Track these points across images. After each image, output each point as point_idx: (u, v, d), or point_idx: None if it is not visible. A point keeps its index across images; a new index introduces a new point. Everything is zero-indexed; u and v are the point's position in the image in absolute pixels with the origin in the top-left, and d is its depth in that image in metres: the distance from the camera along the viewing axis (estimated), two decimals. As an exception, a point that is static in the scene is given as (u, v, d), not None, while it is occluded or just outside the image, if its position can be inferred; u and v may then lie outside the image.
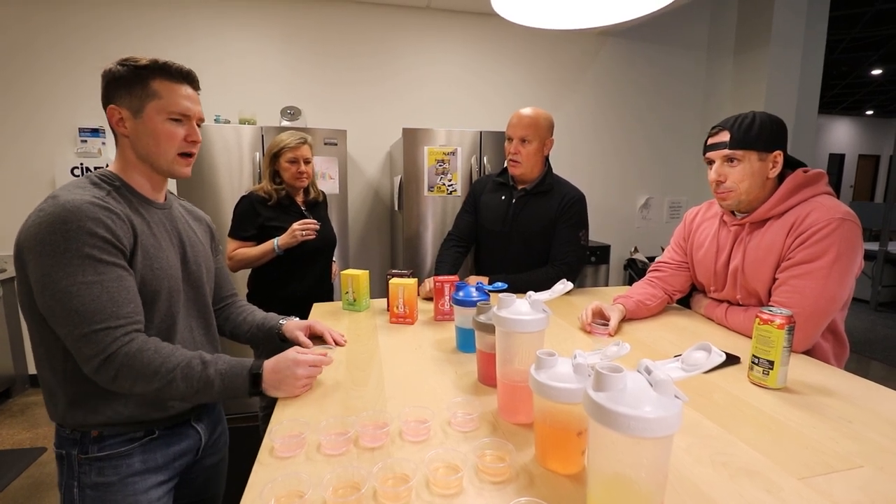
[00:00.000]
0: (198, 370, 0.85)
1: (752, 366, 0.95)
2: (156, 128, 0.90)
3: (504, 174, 1.81)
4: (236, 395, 0.88)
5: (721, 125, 1.18)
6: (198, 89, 0.97)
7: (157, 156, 0.92)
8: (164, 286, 0.91)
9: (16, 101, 2.92)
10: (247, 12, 3.15)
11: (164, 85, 0.90)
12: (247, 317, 1.21)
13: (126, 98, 0.89)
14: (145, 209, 0.93)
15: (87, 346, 0.78)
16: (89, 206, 0.80)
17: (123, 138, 0.91)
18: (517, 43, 3.61)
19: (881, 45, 5.74)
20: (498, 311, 0.80)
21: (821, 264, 1.07)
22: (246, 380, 0.87)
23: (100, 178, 0.90)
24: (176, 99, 0.91)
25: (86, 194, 0.83)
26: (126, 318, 0.81)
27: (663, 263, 1.49)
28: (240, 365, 0.89)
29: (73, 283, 0.77)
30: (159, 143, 0.90)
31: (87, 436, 0.87)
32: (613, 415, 0.49)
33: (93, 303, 0.78)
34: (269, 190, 1.84)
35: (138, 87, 0.88)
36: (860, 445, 0.73)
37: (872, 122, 10.49)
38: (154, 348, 0.83)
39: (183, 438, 0.97)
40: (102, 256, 0.80)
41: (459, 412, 0.80)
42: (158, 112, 0.89)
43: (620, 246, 3.99)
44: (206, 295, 1.06)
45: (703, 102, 4.05)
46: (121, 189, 0.90)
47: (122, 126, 0.90)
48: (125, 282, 0.82)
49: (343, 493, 0.61)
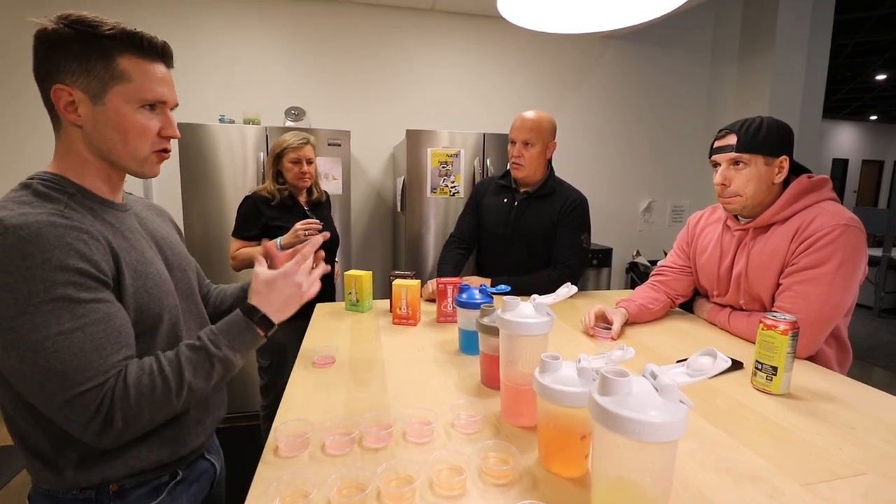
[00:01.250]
0: (202, 357, 0.71)
1: (756, 371, 0.95)
2: (123, 119, 0.70)
3: (506, 177, 1.81)
4: (252, 341, 0.76)
5: (728, 128, 1.18)
6: (171, 67, 0.76)
7: (124, 154, 0.72)
8: (164, 306, 0.75)
9: (24, 103, 2.93)
10: (252, 13, 3.16)
11: (135, 63, 0.69)
12: (225, 298, 1.07)
13: (81, 76, 0.67)
14: (112, 216, 0.74)
15: (76, 413, 0.61)
16: (50, 228, 0.61)
17: (73, 128, 0.70)
18: (520, 45, 3.62)
19: (885, 50, 5.74)
20: (502, 314, 0.80)
21: (825, 270, 1.07)
22: (250, 324, 0.75)
23: (45, 185, 0.68)
24: (150, 83, 0.71)
25: (39, 212, 0.62)
26: (115, 367, 0.64)
27: (666, 267, 1.49)
28: (233, 321, 0.75)
29: (45, 336, 0.59)
30: (127, 138, 0.71)
31: (104, 492, 0.71)
32: (619, 419, 0.49)
33: (75, 357, 0.60)
34: (272, 190, 1.85)
35: (99, 64, 0.67)
36: (863, 452, 0.73)
37: (876, 127, 10.48)
38: (141, 370, 0.66)
39: (201, 474, 0.87)
40: (80, 295, 0.62)
41: (463, 414, 0.80)
42: (127, 100, 0.69)
43: (622, 249, 3.99)
44: (199, 301, 0.92)
45: (707, 106, 4.04)
46: (76, 196, 0.70)
47: (71, 112, 0.68)
48: (113, 321, 0.65)
49: (347, 493, 0.61)
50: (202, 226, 2.59)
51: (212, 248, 2.59)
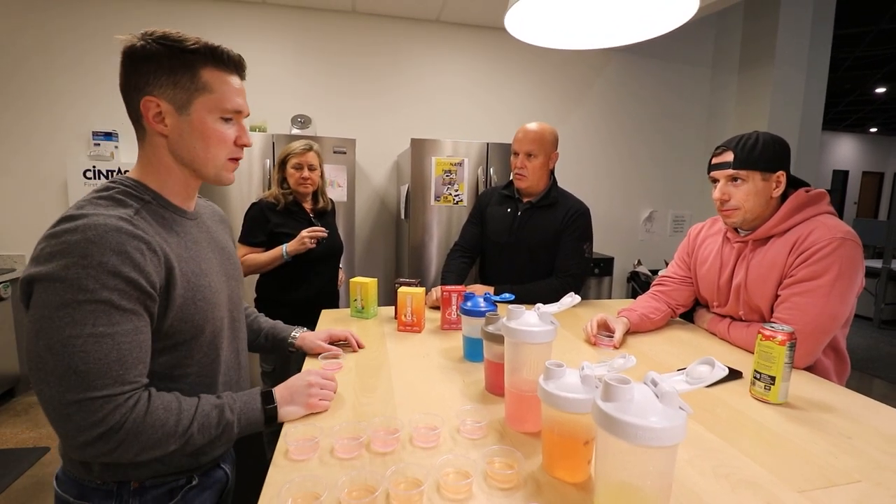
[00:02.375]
0: (214, 418, 0.74)
1: (754, 381, 0.97)
2: (206, 128, 0.75)
3: (510, 187, 1.84)
4: (254, 430, 0.80)
5: (725, 145, 1.21)
6: (244, 79, 0.82)
7: (206, 161, 0.77)
8: (209, 319, 0.78)
9: (30, 103, 2.98)
10: (260, 22, 3.21)
11: (216, 76, 0.75)
12: (261, 325, 1.15)
13: (168, 88, 0.72)
14: (181, 225, 0.79)
15: (80, 415, 0.62)
16: (115, 233, 0.65)
17: (158, 137, 0.75)
18: (524, 56, 3.67)
19: (885, 64, 5.80)
20: (507, 322, 0.83)
21: (822, 282, 1.09)
22: (260, 408, 0.80)
23: (125, 190, 0.73)
24: (229, 94, 0.76)
25: (110, 215, 0.67)
26: (132, 382, 0.67)
27: (667, 278, 1.51)
28: (250, 395, 0.81)
29: (78, 333, 0.62)
30: (209, 146, 0.76)
31: (125, 487, 0.74)
32: (621, 424, 0.51)
33: (98, 362, 0.63)
34: (277, 195, 1.89)
35: (185, 77, 0.73)
36: (859, 461, 0.74)
37: (876, 139, 10.54)
38: (163, 406, 0.69)
39: (215, 482, 0.88)
40: (121, 303, 0.65)
41: (468, 420, 0.82)
42: (210, 110, 0.75)
43: (624, 259, 4.01)
44: (243, 315, 0.93)
45: (708, 118, 4.09)
46: (152, 204, 0.75)
47: (159, 123, 0.74)
48: (140, 336, 0.68)
49: (357, 495, 0.63)
50: (208, 231, 2.62)
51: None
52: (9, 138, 2.98)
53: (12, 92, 2.96)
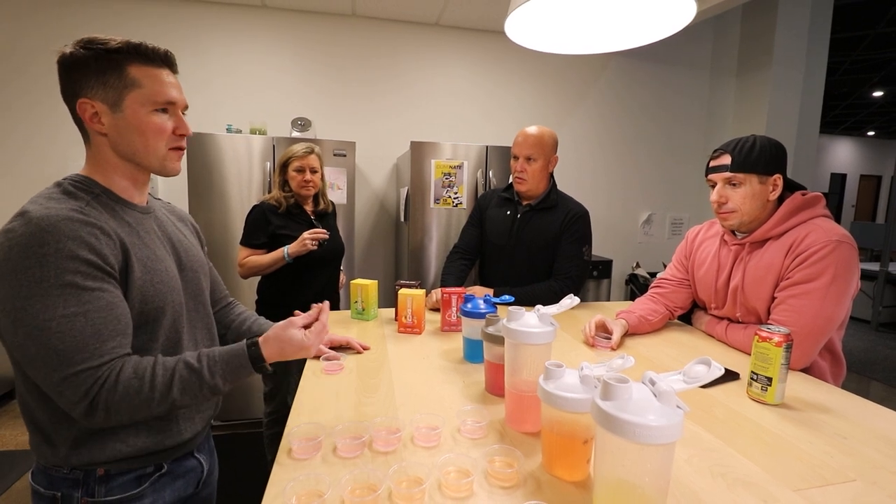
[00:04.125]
0: (194, 380, 0.76)
1: (751, 382, 0.98)
2: (141, 122, 0.78)
3: (509, 189, 1.86)
4: (244, 377, 0.81)
5: (722, 148, 1.23)
6: (177, 72, 0.85)
7: (146, 153, 0.80)
8: (168, 301, 0.81)
9: (32, 103, 2.98)
10: (259, 24, 3.23)
11: (143, 71, 0.78)
12: (251, 325, 1.13)
13: (99, 89, 0.76)
14: (132, 216, 0.82)
15: (70, 391, 0.68)
16: (67, 222, 0.69)
17: (99, 137, 0.79)
18: (523, 60, 3.69)
19: (882, 68, 5.83)
20: (507, 324, 0.84)
21: (818, 285, 1.10)
22: (246, 357, 0.79)
23: (74, 184, 0.77)
24: (158, 87, 0.79)
25: (61, 207, 0.71)
26: (109, 353, 0.71)
27: (665, 280, 1.52)
28: (235, 353, 0.80)
29: (51, 317, 0.66)
30: (147, 139, 0.79)
31: (91, 475, 0.77)
32: (620, 422, 0.52)
33: (74, 340, 0.67)
34: (278, 197, 1.90)
35: (113, 76, 0.76)
36: (854, 460, 0.76)
37: (874, 142, 10.58)
38: (135, 373, 0.72)
39: (188, 471, 0.90)
40: (86, 283, 0.69)
41: (469, 420, 0.83)
42: (142, 104, 0.78)
43: (622, 261, 4.03)
44: (207, 303, 0.97)
45: (706, 121, 4.11)
46: (101, 196, 0.78)
47: (97, 123, 0.77)
48: (115, 309, 0.72)
49: (360, 493, 0.64)
50: (208, 234, 2.63)
51: (217, 257, 2.63)
52: (11, 140, 2.99)
53: (15, 93, 2.96)
